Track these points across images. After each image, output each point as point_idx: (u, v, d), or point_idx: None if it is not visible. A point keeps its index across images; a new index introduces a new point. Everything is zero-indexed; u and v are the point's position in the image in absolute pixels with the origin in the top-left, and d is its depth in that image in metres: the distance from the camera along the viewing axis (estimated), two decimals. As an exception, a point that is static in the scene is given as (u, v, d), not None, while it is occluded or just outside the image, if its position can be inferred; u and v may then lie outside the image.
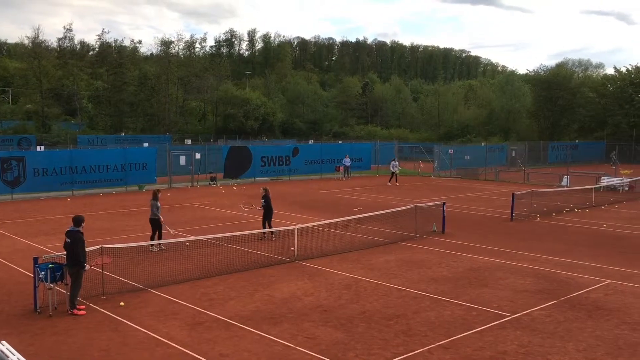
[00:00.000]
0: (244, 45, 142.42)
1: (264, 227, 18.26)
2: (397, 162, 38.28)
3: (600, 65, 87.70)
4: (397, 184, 36.23)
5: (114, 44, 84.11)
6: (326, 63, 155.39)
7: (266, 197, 18.64)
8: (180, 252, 15.79)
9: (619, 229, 21.08)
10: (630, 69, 67.12)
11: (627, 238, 19.40)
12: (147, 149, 36.26)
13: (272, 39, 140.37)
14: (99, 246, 12.28)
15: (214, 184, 35.65)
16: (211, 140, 68.15)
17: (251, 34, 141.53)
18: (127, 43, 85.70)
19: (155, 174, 33.65)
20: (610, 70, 73.65)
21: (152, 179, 33.33)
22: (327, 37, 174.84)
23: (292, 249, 16.00)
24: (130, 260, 14.25)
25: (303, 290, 12.84)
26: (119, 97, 75.08)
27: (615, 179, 34.11)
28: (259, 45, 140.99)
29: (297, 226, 16.33)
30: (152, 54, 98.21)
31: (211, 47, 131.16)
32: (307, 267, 14.94)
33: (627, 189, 32.55)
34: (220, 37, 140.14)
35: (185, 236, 17.57)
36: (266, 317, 11.04)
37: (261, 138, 72.22)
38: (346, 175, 39.88)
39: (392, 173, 37.15)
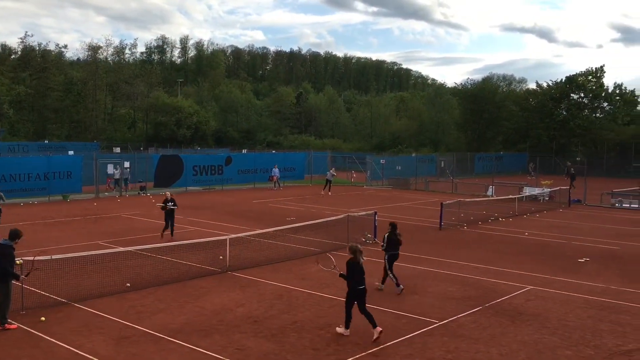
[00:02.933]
0: (176, 52, 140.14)
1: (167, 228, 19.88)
2: (333, 171, 38.62)
3: (523, 80, 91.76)
4: (329, 193, 36.54)
5: (37, 48, 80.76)
6: (260, 72, 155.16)
7: (173, 200, 20.19)
8: (105, 264, 15.25)
9: (540, 237, 22.08)
10: (550, 84, 70.76)
11: (547, 246, 20.34)
12: (72, 157, 34.92)
13: (205, 46, 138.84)
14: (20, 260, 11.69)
15: (143, 193, 34.72)
16: (141, 148, 66.46)
17: (183, 41, 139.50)
18: (52, 47, 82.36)
19: (81, 183, 32.45)
20: (532, 85, 77.50)
21: (77, 188, 32.12)
22: (261, 46, 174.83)
23: (221, 257, 15.81)
24: (52, 273, 13.63)
25: (234, 301, 12.69)
26: (43, 103, 72.08)
27: (537, 189, 35.74)
28: (191, 52, 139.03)
29: (229, 236, 16.15)
30: (79, 59, 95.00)
31: (142, 53, 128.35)
32: (239, 278, 14.78)
33: (547, 198, 34.16)
34: (151, 43, 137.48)
35: (114, 247, 17.00)
36: (196, 330, 10.83)
37: (193, 147, 71.06)
38: (277, 185, 39.79)
39: (327, 181, 37.41)
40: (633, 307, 12.73)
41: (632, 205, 32.21)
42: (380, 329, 10.35)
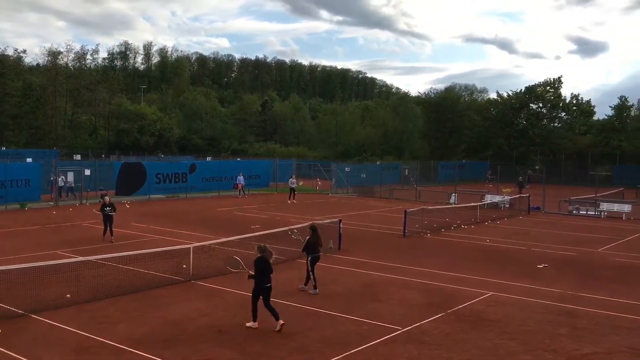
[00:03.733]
0: (140, 58, 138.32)
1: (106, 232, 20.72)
2: (294, 179, 38.69)
3: (484, 90, 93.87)
4: (294, 201, 36.56)
5: (-6, 53, 78.61)
6: (225, 80, 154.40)
7: (112, 205, 21.06)
8: (64, 274, 14.90)
9: (500, 243, 22.52)
10: (510, 94, 72.46)
11: (507, 252, 20.75)
12: (30, 165, 34.12)
13: (169, 53, 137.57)
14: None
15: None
16: (103, 156, 65.30)
17: (147, 48, 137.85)
18: (10, 52, 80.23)
19: (39, 191, 31.67)
20: (493, 95, 79.18)
21: (36, 196, 31.33)
22: (226, 53, 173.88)
23: (185, 266, 15.65)
24: (8, 283, 13.25)
25: (198, 311, 12.56)
26: (0, 109, 70.10)
27: (498, 196, 36.45)
28: (155, 59, 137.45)
29: (193, 245, 15.99)
30: (38, 64, 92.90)
31: (104, 59, 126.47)
32: (203, 287, 14.64)
33: (508, 206, 34.87)
34: (113, 49, 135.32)
35: (72, 257, 16.63)
36: (159, 340, 10.67)
37: (157, 154, 70.17)
38: (242, 193, 39.58)
39: (291, 189, 37.47)
40: (589, 312, 13.08)
41: (588, 212, 33.14)
42: (283, 322, 11.17)
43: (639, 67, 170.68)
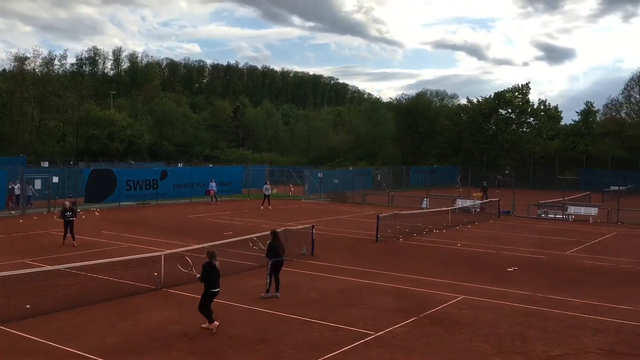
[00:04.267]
0: (109, 64, 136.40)
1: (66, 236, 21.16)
2: (269, 186, 38.61)
3: (454, 96, 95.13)
4: (269, 207, 36.47)
5: (-42, 57, 76.79)
6: (197, 85, 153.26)
7: (72, 210, 21.52)
8: (32, 283, 14.58)
9: (472, 247, 22.79)
10: (480, 100, 73.56)
11: (478, 256, 21.01)
12: (-5, 172, 33.29)
13: (139, 59, 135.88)
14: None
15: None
16: (71, 162, 64.17)
17: (116, 53, 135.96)
18: (-26, 57, 78.45)
19: (4, 199, 30.95)
20: (463, 101, 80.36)
21: (1, 204, 30.60)
22: (197, 59, 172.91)
23: (156, 274, 15.46)
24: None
25: (169, 319, 12.42)
26: (-36, 115, 68.46)
27: (469, 201, 36.91)
28: (125, 64, 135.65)
29: (164, 252, 15.81)
30: (4, 70, 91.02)
31: (72, 64, 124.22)
32: (174, 295, 14.48)
33: (478, 210, 35.32)
34: (82, 54, 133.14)
35: (40, 266, 16.28)
36: (130, 349, 10.52)
37: (127, 161, 69.25)
38: (214, 199, 39.29)
39: (265, 196, 37.38)
40: (559, 314, 13.32)
41: (556, 216, 33.78)
42: (217, 324, 11.48)
43: (604, 73, 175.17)
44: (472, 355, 10.51)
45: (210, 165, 56.80)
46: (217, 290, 11.69)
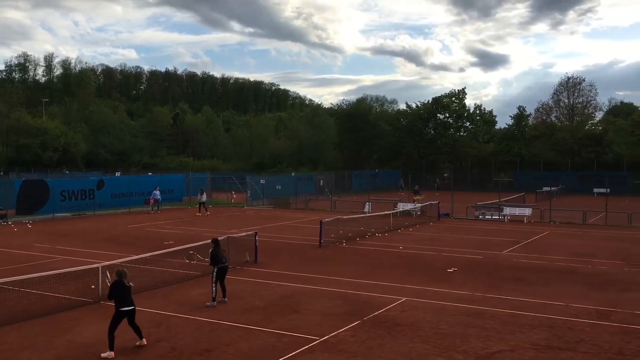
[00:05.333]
0: (40, 70, 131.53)
1: None
2: (200, 195, 38.31)
3: (394, 101, 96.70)
4: (207, 213, 36.11)
5: None
6: (134, 92, 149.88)
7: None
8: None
9: (413, 250, 23.22)
10: (419, 105, 75.24)
11: (419, 258, 21.43)
12: None
13: (72, 65, 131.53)
14: None
15: (3, 222, 31.97)
16: (1, 173, 61.39)
17: (48, 59, 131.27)
18: None
19: None
20: (402, 106, 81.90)
21: None
22: (134, 65, 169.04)
23: (93, 287, 14.98)
24: None
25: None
26: None
27: (409, 204, 37.60)
28: (57, 71, 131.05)
29: (102, 264, 15.33)
30: None
31: (1, 71, 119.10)
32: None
33: (419, 213, 36.03)
34: (11, 60, 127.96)
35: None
36: (65, 366, 10.13)
37: (61, 170, 66.86)
38: (156, 208, 38.46)
39: (200, 203, 37.15)
40: (496, 312, 13.74)
41: (493, 217, 34.88)
42: (145, 342, 11.18)
43: (536, 78, 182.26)
44: (414, 356, 10.70)
45: (150, 173, 55.53)
46: (128, 308, 11.09)
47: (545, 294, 15.57)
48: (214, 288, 14.16)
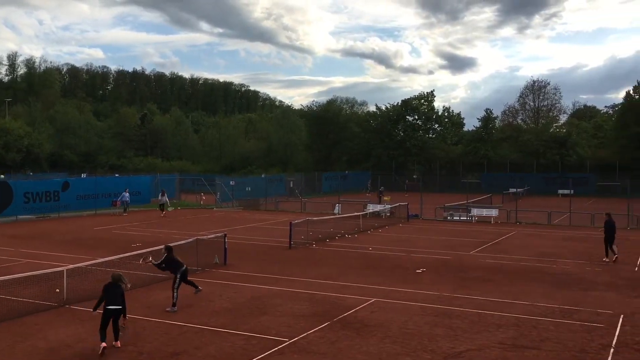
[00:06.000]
0: (3, 69, 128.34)
1: None
2: (164, 195, 38.00)
3: (364, 103, 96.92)
4: (163, 214, 36.25)
5: None
6: (101, 92, 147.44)
7: None
8: None
9: (382, 251, 23.36)
10: (388, 107, 75.79)
11: (389, 259, 21.57)
12: None
13: (37, 64, 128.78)
14: None
15: (-35, 224, 31.12)
16: (-39, 174, 59.71)
17: (11, 58, 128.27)
18: None
19: None
20: (372, 108, 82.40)
21: None
22: (100, 65, 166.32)
23: (58, 290, 14.68)
24: None
25: (74, 337, 11.81)
26: None
27: (379, 205, 37.82)
28: (21, 70, 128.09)
29: (67, 267, 15.03)
30: None
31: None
32: (78, 311, 13.78)
33: (388, 214, 36.29)
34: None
35: None
36: (28, 372, 9.90)
37: (25, 172, 65.35)
38: (121, 210, 37.86)
39: (161, 205, 36.85)
40: (463, 312, 13.92)
41: (461, 218, 35.34)
42: (119, 345, 11.13)
43: (503, 81, 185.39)
44: (383, 356, 10.76)
45: (117, 175, 54.70)
46: (113, 307, 11.16)
47: (511, 294, 15.84)
48: (175, 293, 13.95)
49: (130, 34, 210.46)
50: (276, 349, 11.13)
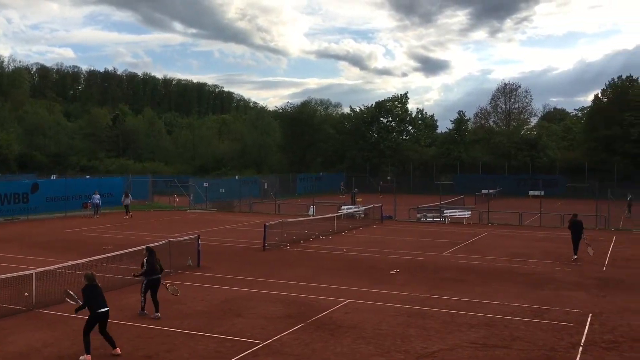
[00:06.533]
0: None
1: None
2: (128, 197, 37.65)
3: (338, 105, 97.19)
4: (127, 216, 36.07)
5: None
6: (71, 92, 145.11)
7: None
8: None
9: (357, 252, 23.44)
10: (362, 108, 76.11)
11: (363, 260, 21.66)
12: None
13: (5, 63, 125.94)
14: None
15: None
16: None
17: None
18: None
19: None
20: (347, 110, 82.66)
21: None
22: (71, 65, 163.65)
23: (26, 294, 14.39)
24: None
25: (42, 341, 11.59)
26: None
27: (353, 207, 37.96)
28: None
29: (36, 270, 14.75)
30: None
31: None
32: (48, 315, 13.54)
33: (363, 215, 36.42)
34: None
35: None
36: (-5, 378, 9.69)
37: (-7, 173, 63.96)
38: (96, 212, 37.30)
39: (125, 206, 36.76)
40: (436, 312, 14.05)
41: (434, 219, 35.67)
42: (119, 352, 10.70)
43: (475, 84, 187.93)
44: (357, 357, 10.80)
45: (88, 176, 53.86)
46: (104, 310, 10.77)
47: (483, 294, 16.04)
48: (142, 297, 13.59)
49: (102, 33, 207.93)
50: (250, 351, 11.08)
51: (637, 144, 58.41)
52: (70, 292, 11.32)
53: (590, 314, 13.90)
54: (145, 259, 13.93)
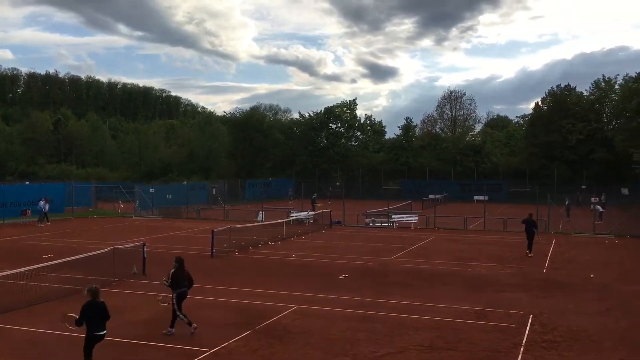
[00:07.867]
0: None
1: None
2: (43, 202, 36.46)
3: (288, 110, 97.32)
4: (43, 224, 34.89)
5: None
6: (10, 96, 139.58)
7: None
8: None
9: (306, 257, 23.45)
10: (312, 114, 76.42)
11: (311, 265, 21.67)
12: None
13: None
14: None
15: None
16: None
17: None
18: None
19: None
20: (296, 115, 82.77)
21: None
22: (10, 67, 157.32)
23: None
24: None
25: (-24, 356, 11.06)
26: None
27: (302, 212, 37.98)
28: None
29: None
30: None
31: None
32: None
33: (312, 221, 36.47)
34: None
35: None
36: None
37: None
38: (43, 219, 35.82)
39: (44, 213, 35.53)
40: (384, 316, 14.19)
41: (382, 224, 36.08)
42: None
43: (422, 91, 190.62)
44: (306, 363, 10.78)
45: (27, 182, 51.88)
46: (101, 333, 9.85)
47: (430, 297, 16.31)
48: (182, 315, 12.52)
49: (43, 35, 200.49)
50: (197, 359, 10.90)
51: (575, 150, 60.92)
52: (71, 314, 10.08)
53: (532, 315, 14.34)
54: (172, 271, 12.77)
